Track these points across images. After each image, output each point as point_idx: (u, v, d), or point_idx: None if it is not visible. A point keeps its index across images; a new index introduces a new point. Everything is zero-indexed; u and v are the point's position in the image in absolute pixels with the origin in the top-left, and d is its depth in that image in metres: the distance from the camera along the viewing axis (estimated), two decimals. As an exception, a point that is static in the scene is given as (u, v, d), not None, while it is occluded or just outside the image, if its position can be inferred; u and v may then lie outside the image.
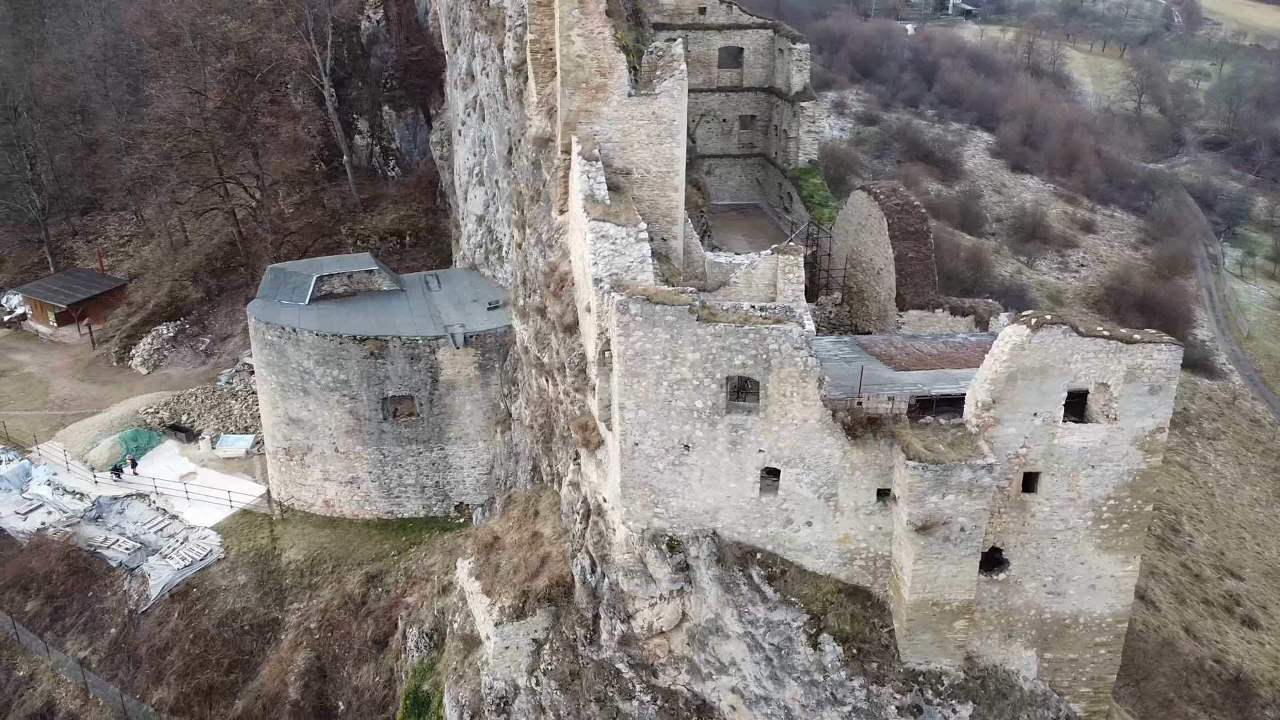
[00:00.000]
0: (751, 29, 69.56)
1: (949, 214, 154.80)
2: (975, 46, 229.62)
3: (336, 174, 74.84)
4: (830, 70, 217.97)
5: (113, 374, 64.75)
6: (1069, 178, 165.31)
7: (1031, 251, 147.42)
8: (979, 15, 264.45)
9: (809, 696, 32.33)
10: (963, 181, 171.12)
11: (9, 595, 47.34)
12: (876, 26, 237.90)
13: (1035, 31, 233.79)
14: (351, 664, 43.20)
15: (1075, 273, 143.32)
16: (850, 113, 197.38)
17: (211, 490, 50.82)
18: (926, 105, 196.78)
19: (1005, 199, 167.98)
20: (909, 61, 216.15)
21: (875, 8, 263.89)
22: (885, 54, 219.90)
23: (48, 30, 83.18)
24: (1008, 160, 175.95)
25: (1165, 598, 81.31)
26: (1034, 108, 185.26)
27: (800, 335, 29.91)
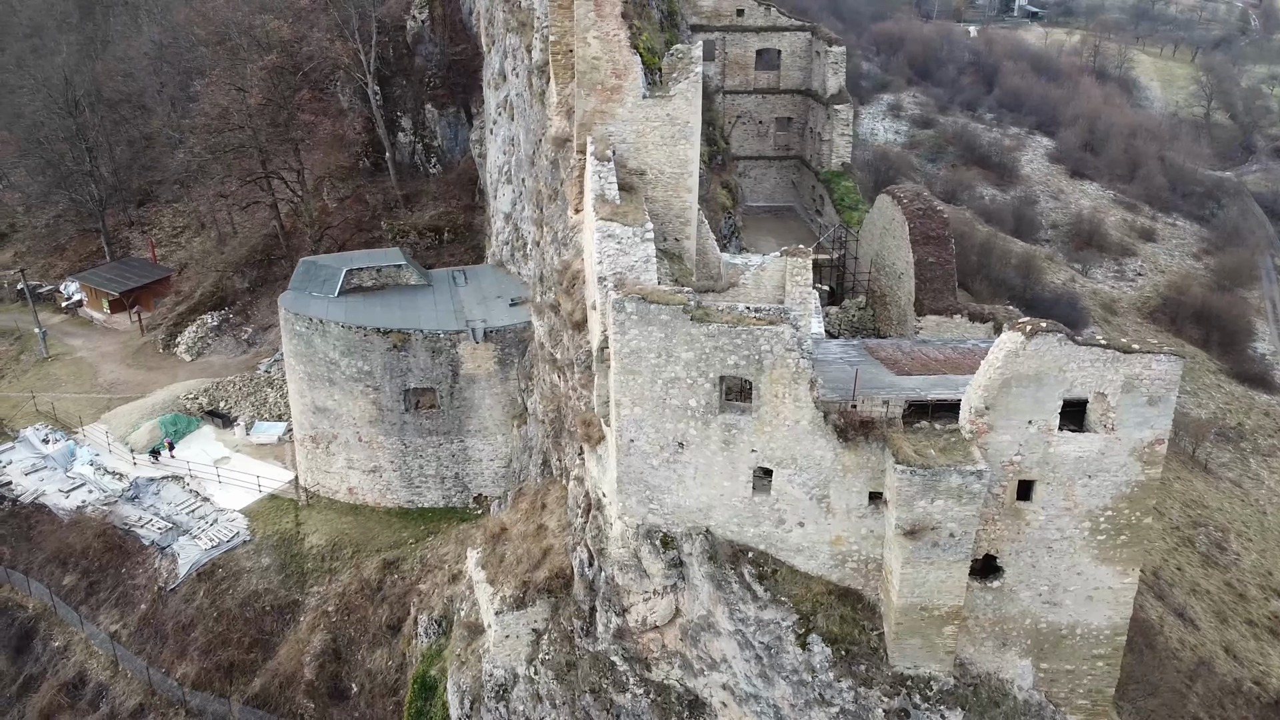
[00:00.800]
0: (789, 31, 69.62)
1: (1002, 220, 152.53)
2: (1038, 49, 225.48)
3: (380, 170, 76.41)
4: (887, 73, 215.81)
5: (158, 360, 67.12)
6: (1130, 184, 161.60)
7: (1086, 259, 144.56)
8: (1045, 17, 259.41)
9: (797, 696, 32.53)
10: (1018, 187, 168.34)
11: (49, 569, 49.50)
12: (937, 28, 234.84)
13: (1102, 34, 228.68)
14: (366, 647, 44.39)
15: (1131, 282, 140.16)
16: (906, 115, 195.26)
17: (242, 475, 52.50)
18: (985, 109, 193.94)
19: (1062, 205, 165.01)
20: (968, 64, 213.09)
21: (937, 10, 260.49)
22: (944, 56, 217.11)
23: (110, 27, 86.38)
24: (1067, 166, 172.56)
25: (1206, 616, 79.30)
26: (1096, 112, 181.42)
27: (792, 337, 30.11)
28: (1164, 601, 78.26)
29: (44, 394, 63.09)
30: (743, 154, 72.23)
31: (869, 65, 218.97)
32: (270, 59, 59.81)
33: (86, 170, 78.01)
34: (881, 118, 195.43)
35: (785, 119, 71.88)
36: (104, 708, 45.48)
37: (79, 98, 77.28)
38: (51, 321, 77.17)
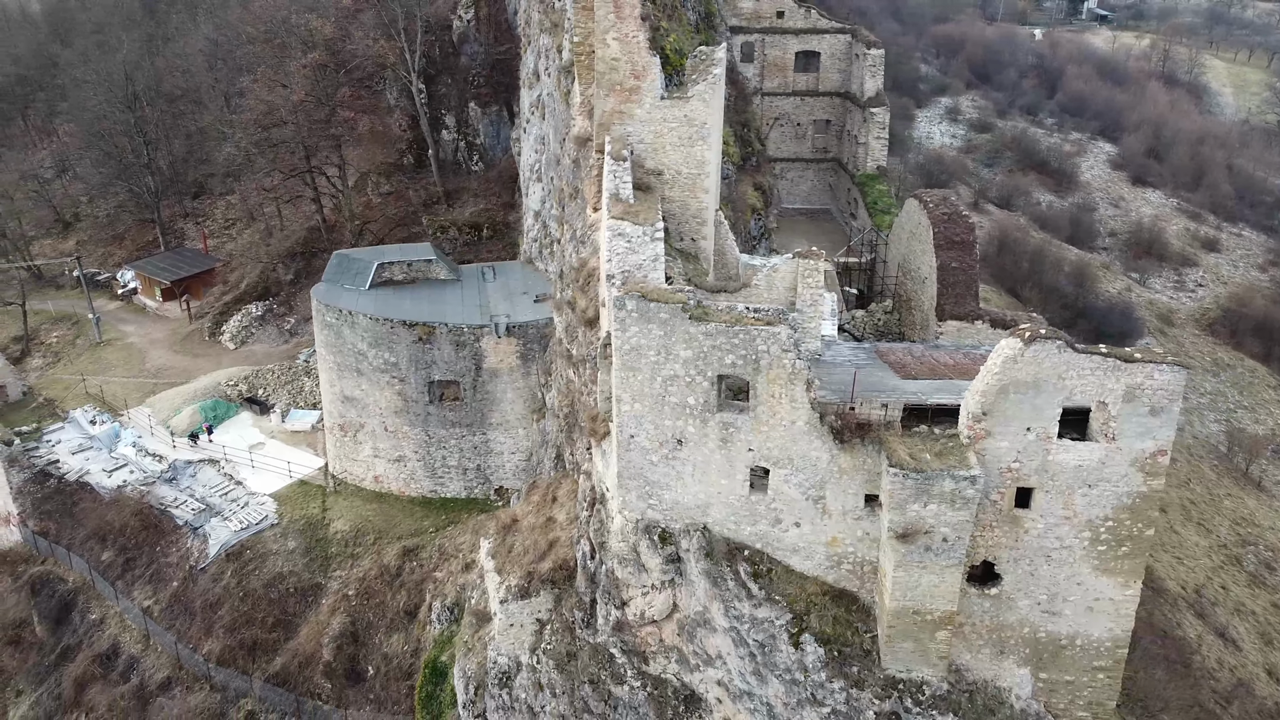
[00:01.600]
0: (829, 33, 69.48)
1: (1057, 226, 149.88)
2: (1105, 53, 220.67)
3: (424, 167, 77.87)
4: (946, 75, 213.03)
5: (204, 348, 69.33)
6: (1195, 192, 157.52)
7: (1145, 269, 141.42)
8: (1114, 21, 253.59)
9: (790, 695, 32.72)
10: (1077, 193, 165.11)
11: (90, 544, 51.57)
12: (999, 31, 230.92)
13: (1174, 38, 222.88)
14: (383, 632, 45.49)
15: (1191, 292, 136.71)
16: (964, 119, 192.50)
17: (275, 460, 54.09)
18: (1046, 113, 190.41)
19: (1122, 213, 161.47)
20: (1031, 67, 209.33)
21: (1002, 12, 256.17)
22: (1006, 59, 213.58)
23: (171, 25, 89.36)
24: (1129, 172, 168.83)
25: (1249, 637, 77.31)
26: (1163, 118, 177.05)
27: (788, 338, 30.33)
28: (1204, 620, 76.41)
29: (94, 377, 65.67)
30: (780, 156, 72.26)
31: (927, 68, 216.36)
32: (313, 57, 61.50)
33: (144, 163, 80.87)
34: (938, 121, 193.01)
35: (824, 121, 71.74)
36: (134, 679, 47.33)
37: (138, 92, 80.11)
38: (107, 308, 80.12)
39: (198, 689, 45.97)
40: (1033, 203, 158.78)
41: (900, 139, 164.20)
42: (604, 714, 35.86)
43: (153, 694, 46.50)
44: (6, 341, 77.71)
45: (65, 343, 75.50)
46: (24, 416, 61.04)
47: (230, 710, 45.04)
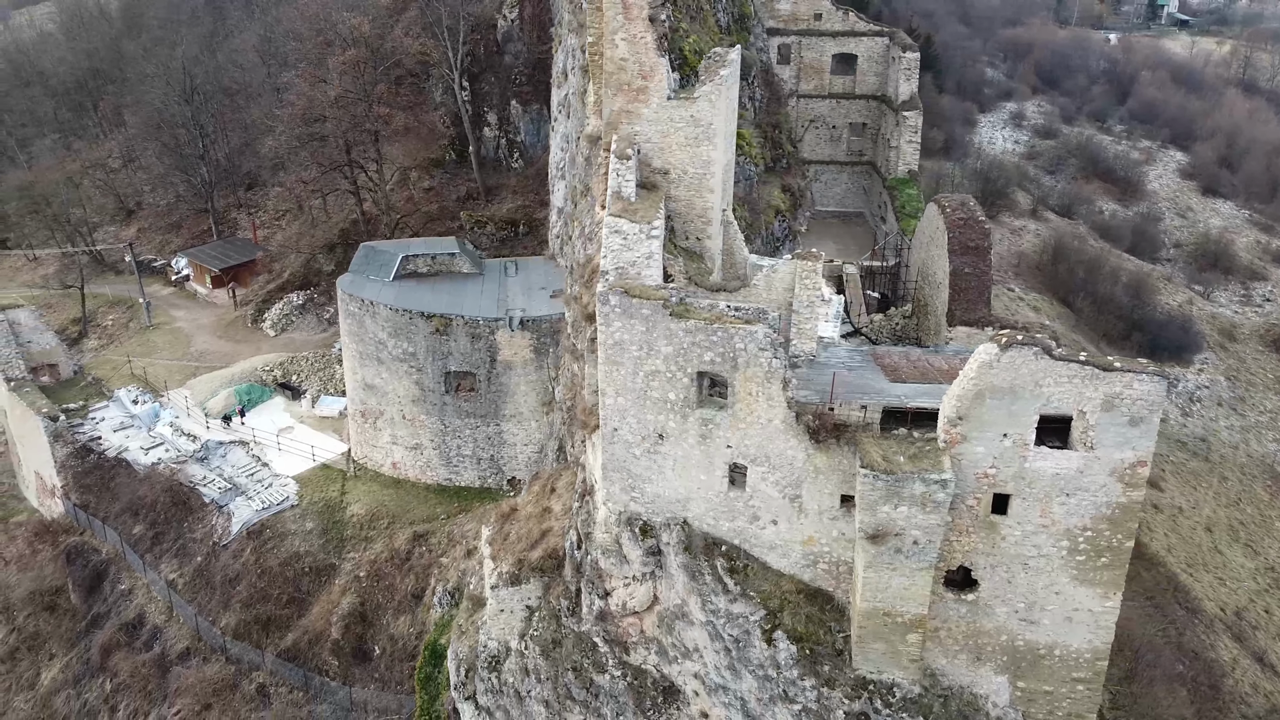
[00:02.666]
0: (867, 36, 69.26)
1: (1118, 236, 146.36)
2: (1182, 59, 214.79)
3: (465, 163, 79.42)
4: (1013, 80, 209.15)
5: (246, 334, 71.78)
6: (1269, 204, 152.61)
7: (1209, 282, 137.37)
8: (1195, 26, 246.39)
9: (763, 691, 33.05)
10: (1142, 202, 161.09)
11: (123, 518, 53.92)
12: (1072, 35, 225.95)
13: (1256, 44, 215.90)
14: (391, 613, 46.80)
15: (1258, 307, 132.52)
16: (1028, 125, 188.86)
17: (301, 444, 55.89)
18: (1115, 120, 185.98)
19: (1189, 224, 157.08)
20: (1102, 72, 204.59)
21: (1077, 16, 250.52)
22: (1076, 64, 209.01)
23: (231, 20, 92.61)
24: (1200, 182, 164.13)
25: (1291, 663, 74.94)
26: (1238, 127, 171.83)
27: (765, 336, 30.65)
28: (1242, 644, 74.33)
29: (140, 359, 68.47)
30: (814, 158, 72.21)
31: (993, 72, 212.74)
32: (350, 54, 63.32)
33: (199, 154, 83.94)
34: (1001, 126, 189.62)
35: (859, 124, 71.47)
36: (156, 648, 49.43)
37: (196, 86, 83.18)
38: (161, 293, 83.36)
39: (214, 660, 47.85)
40: (1095, 211, 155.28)
41: (960, 144, 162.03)
42: (586, 701, 36.56)
43: (172, 663, 48.56)
44: (66, 323, 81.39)
45: (120, 325, 78.80)
46: (73, 394, 63.97)
47: (243, 682, 46.80)
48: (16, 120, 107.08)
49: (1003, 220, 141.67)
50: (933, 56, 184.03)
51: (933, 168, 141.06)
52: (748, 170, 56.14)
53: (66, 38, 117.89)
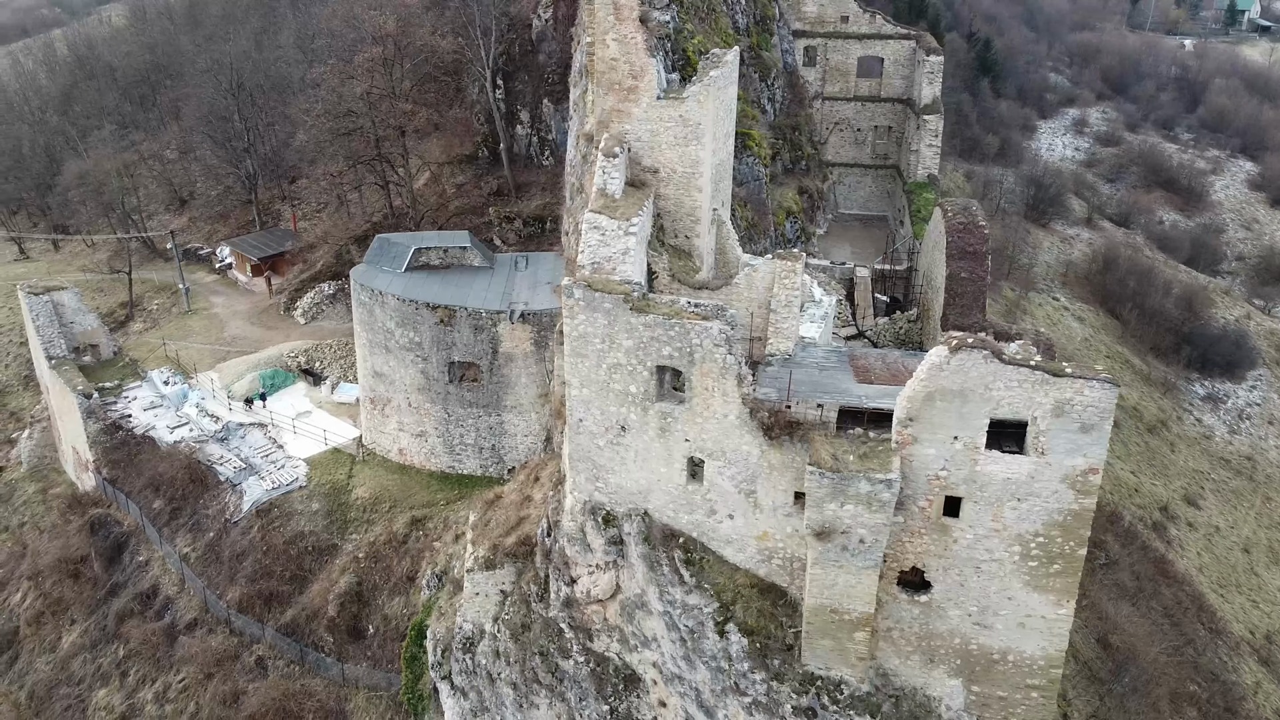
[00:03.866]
0: (894, 39, 68.95)
1: (1176, 247, 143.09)
2: (1259, 66, 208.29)
3: (499, 160, 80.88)
4: (1077, 85, 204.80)
5: (277, 321, 74.13)
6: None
7: (1272, 296, 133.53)
8: (1277, 32, 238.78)
9: (715, 682, 33.55)
10: (1206, 213, 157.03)
11: (145, 493, 56.31)
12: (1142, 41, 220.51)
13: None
14: (386, 594, 48.20)
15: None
16: (1090, 132, 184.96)
17: (315, 428, 57.72)
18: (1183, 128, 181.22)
19: (1254, 235, 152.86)
20: (1172, 79, 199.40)
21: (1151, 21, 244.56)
22: (1145, 70, 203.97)
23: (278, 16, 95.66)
24: (1269, 193, 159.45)
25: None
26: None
27: (720, 333, 31.14)
28: (1269, 668, 72.50)
29: (176, 342, 71.23)
30: (839, 161, 72.11)
31: (1057, 78, 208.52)
32: (376, 51, 65.13)
33: (244, 147, 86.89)
34: (1062, 133, 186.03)
35: (885, 128, 71.17)
36: (167, 618, 51.60)
37: (242, 81, 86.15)
38: (205, 280, 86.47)
39: (219, 631, 49.80)
40: (1154, 221, 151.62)
41: (1016, 149, 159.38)
42: (551, 685, 37.43)
43: (180, 632, 50.65)
44: (114, 306, 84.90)
45: (163, 310, 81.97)
46: (111, 374, 66.84)
47: (244, 654, 48.64)
48: (81, 112, 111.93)
49: (1054, 228, 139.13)
50: (992, 61, 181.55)
51: (983, 173, 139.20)
52: (756, 171, 56.52)
53: (132, 33, 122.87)
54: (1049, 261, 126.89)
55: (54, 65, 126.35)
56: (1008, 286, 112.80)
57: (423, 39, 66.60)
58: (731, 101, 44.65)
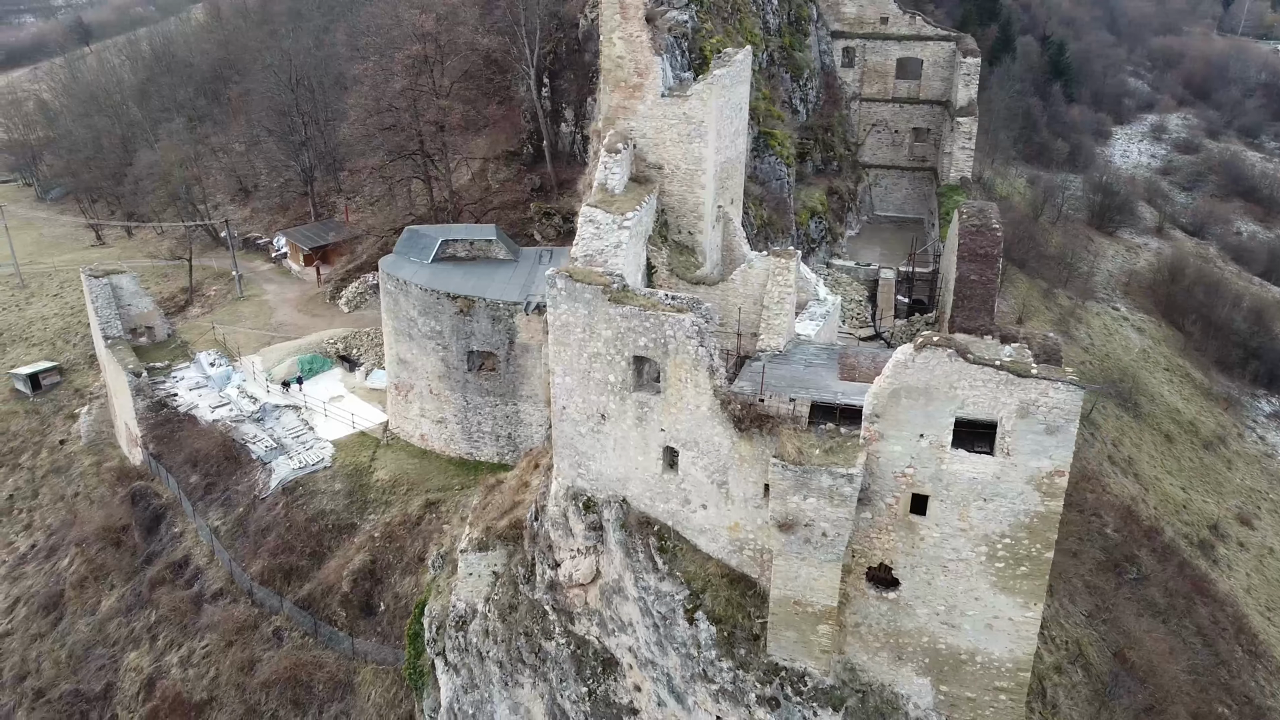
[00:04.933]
0: (933, 41, 68.39)
1: (1252, 259, 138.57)
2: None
3: (543, 157, 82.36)
4: (1158, 91, 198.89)
5: (323, 309, 76.77)
6: None
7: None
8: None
9: (685, 668, 34.17)
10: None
11: (184, 468, 59.01)
12: (1231, 45, 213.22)
13: None
14: (398, 573, 49.78)
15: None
16: (1168, 139, 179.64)
17: (346, 412, 59.74)
18: (1269, 135, 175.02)
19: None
20: (1260, 85, 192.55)
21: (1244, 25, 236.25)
22: (1232, 75, 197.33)
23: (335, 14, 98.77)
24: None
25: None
26: None
27: (692, 325, 31.75)
28: (1307, 695, 69.89)
29: (225, 326, 74.28)
30: (875, 163, 71.75)
31: (1136, 82, 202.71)
32: (415, 49, 67.01)
33: (301, 141, 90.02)
34: (1138, 139, 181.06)
35: (923, 130, 70.57)
36: (195, 587, 54.06)
37: (300, 77, 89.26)
38: (261, 269, 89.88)
39: (241, 602, 52.01)
40: (1230, 231, 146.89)
41: (1087, 155, 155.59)
42: (535, 665, 38.46)
43: (206, 601, 53.03)
44: (175, 291, 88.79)
45: (220, 295, 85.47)
46: (163, 354, 70.07)
47: (262, 624, 50.73)
48: (157, 105, 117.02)
49: (1120, 236, 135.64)
50: (1065, 64, 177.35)
51: (1049, 179, 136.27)
52: (778, 170, 56.75)
53: (208, 30, 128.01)
54: (1111, 270, 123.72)
55: (136, 61, 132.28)
56: (1064, 294, 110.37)
57: (465, 37, 68.23)
58: (741, 100, 45.14)
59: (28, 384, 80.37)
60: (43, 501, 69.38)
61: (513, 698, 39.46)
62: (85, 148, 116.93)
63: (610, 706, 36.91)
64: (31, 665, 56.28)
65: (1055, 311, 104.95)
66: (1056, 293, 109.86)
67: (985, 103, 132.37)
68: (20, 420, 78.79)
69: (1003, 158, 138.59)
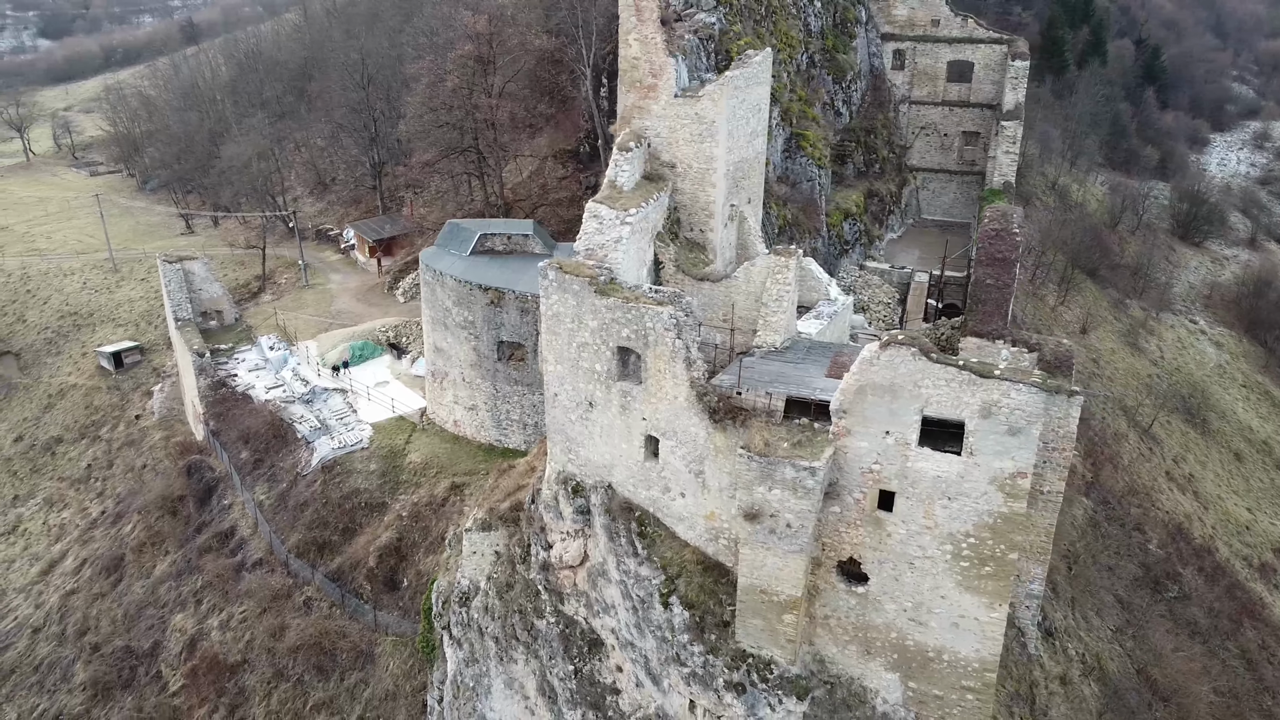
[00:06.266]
0: (985, 44, 67.66)
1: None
2: None
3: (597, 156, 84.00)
4: (1263, 97, 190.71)
5: (380, 299, 79.95)
6: None
7: None
8: None
9: (660, 651, 35.21)
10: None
11: (236, 444, 62.48)
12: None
13: None
14: (422, 552, 51.95)
15: None
16: (1271, 146, 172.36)
17: (387, 397, 62.39)
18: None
19: None
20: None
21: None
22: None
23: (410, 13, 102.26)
24: None
25: None
26: None
27: (670, 318, 32.78)
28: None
29: (288, 312, 78.07)
30: (924, 166, 71.26)
31: (1241, 88, 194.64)
32: (469, 49, 69.27)
33: (371, 137, 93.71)
34: (1238, 147, 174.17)
35: (973, 133, 69.82)
36: (238, 557, 57.30)
37: (371, 75, 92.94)
38: (330, 259, 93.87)
39: (278, 572, 54.94)
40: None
41: (1180, 162, 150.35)
42: (527, 643, 39.98)
43: (247, 569, 56.17)
44: (249, 279, 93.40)
45: (290, 283, 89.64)
46: (229, 337, 74.08)
47: (295, 593, 53.54)
48: (247, 100, 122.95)
49: (1207, 247, 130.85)
50: (1160, 68, 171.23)
51: (1134, 186, 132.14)
52: (809, 172, 57.11)
53: (298, 30, 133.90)
54: (1192, 282, 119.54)
55: (231, 59, 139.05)
56: (1137, 305, 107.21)
57: (518, 37, 70.34)
58: (759, 101, 45.80)
59: (112, 361, 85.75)
60: (116, 471, 74.10)
61: (508, 672, 41.07)
62: (178, 141, 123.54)
63: (595, 686, 38.18)
64: (91, 622, 60.39)
65: (1124, 322, 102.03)
66: (1128, 303, 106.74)
67: (1069, 107, 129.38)
68: (103, 395, 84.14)
69: (1086, 164, 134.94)
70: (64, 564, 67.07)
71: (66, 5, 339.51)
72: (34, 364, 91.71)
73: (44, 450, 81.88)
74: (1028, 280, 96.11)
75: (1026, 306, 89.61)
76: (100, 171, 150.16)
